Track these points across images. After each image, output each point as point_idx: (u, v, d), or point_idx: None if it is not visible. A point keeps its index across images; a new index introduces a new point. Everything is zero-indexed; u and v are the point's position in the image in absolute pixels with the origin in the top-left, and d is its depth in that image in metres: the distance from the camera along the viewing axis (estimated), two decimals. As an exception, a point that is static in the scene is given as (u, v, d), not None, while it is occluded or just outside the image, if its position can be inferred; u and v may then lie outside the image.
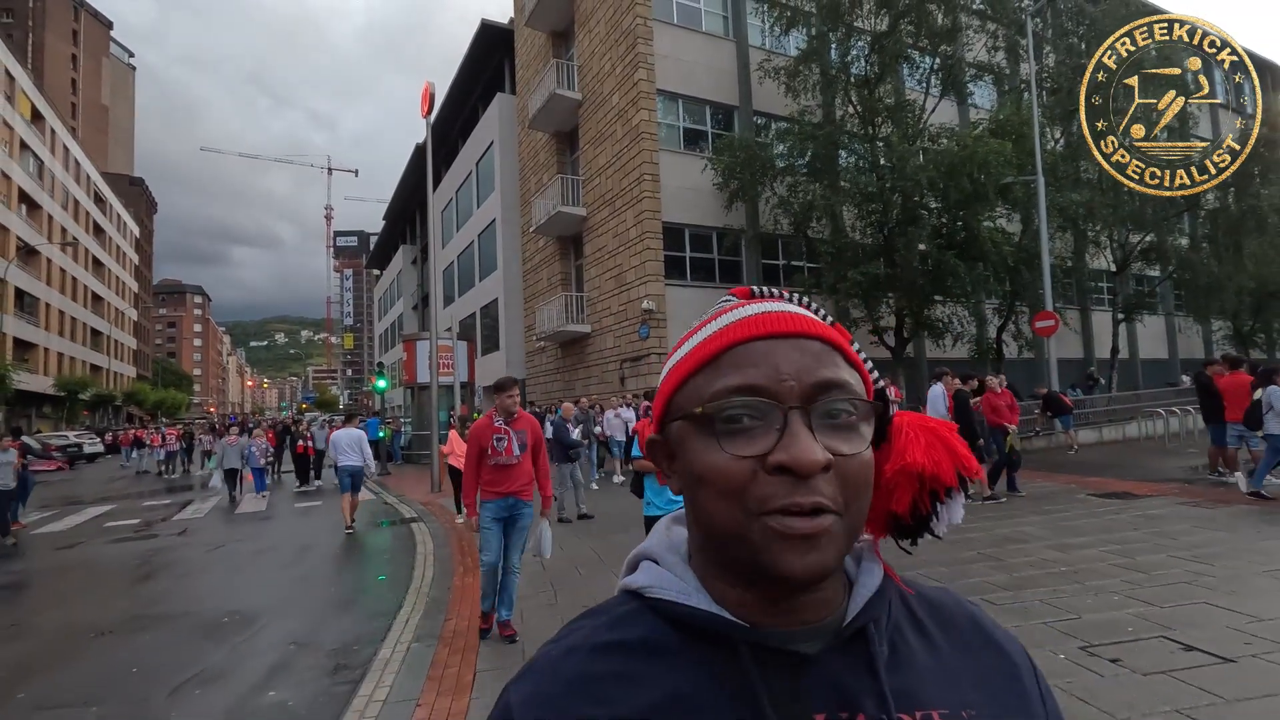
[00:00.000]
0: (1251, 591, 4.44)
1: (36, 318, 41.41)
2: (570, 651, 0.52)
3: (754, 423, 0.48)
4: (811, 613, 0.51)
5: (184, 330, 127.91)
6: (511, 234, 26.54)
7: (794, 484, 0.46)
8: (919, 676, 0.51)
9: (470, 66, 29.65)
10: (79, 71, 74.27)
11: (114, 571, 7.63)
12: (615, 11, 18.97)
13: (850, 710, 0.48)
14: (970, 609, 0.58)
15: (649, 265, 17.60)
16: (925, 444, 0.56)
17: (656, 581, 0.54)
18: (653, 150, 17.86)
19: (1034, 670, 0.56)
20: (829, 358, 0.50)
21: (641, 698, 0.48)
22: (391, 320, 51.45)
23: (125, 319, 63.86)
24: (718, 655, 0.49)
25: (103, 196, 57.66)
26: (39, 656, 4.90)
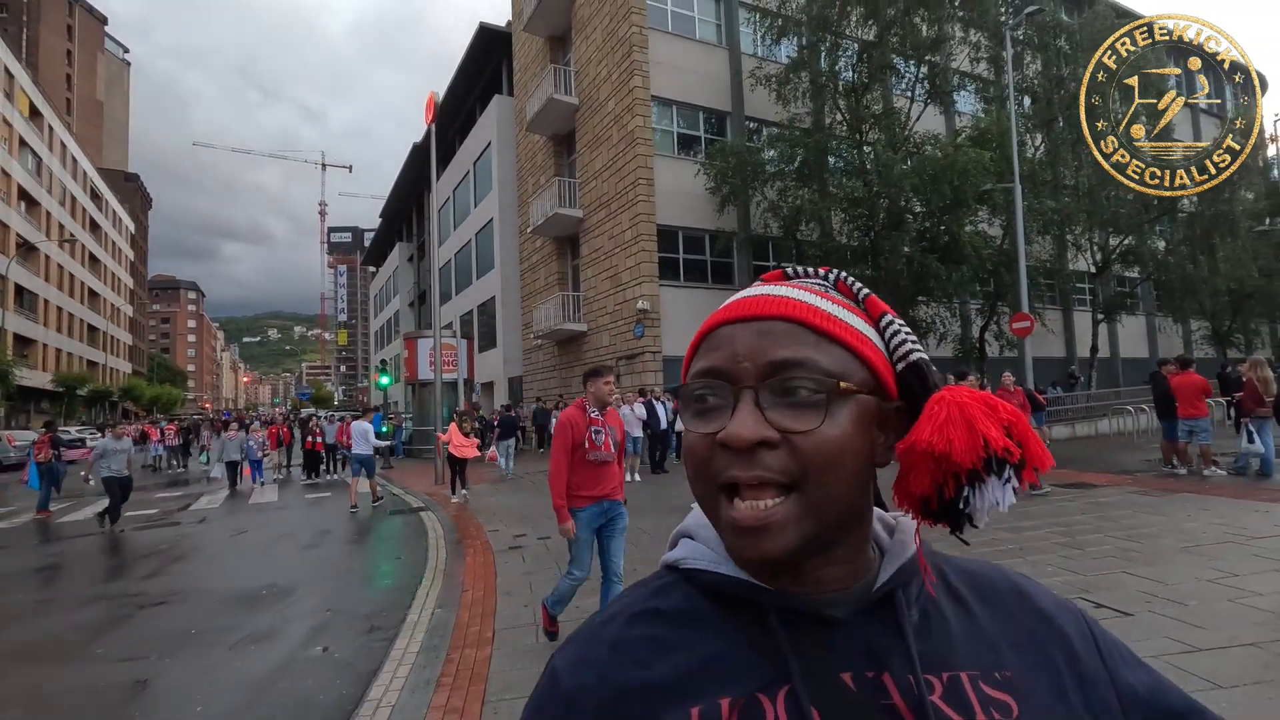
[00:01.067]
0: (1165, 563, 5.13)
1: (35, 314, 41.72)
2: (610, 619, 0.56)
3: (716, 402, 0.51)
4: (833, 583, 0.52)
5: (178, 326, 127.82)
6: (509, 233, 27.11)
7: (734, 458, 0.49)
8: (950, 641, 0.52)
9: (468, 67, 30.14)
10: (74, 67, 74.23)
11: (148, 554, 8.23)
12: (612, 20, 19.56)
13: (877, 670, 0.49)
14: (1015, 580, 0.59)
15: (644, 266, 18.23)
16: (942, 420, 0.52)
17: (691, 554, 0.57)
18: (647, 155, 18.48)
19: (1090, 633, 0.55)
20: (793, 337, 0.51)
21: (677, 660, 0.51)
22: (388, 317, 51.88)
23: (121, 315, 64.06)
24: (748, 620, 0.52)
25: (99, 193, 57.85)
26: (104, 622, 5.50)
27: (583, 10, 21.38)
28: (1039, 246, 20.20)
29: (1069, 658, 0.53)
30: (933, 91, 18.22)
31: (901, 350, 0.55)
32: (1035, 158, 18.83)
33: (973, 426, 0.52)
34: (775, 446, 0.48)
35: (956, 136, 17.87)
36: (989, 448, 0.51)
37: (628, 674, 0.51)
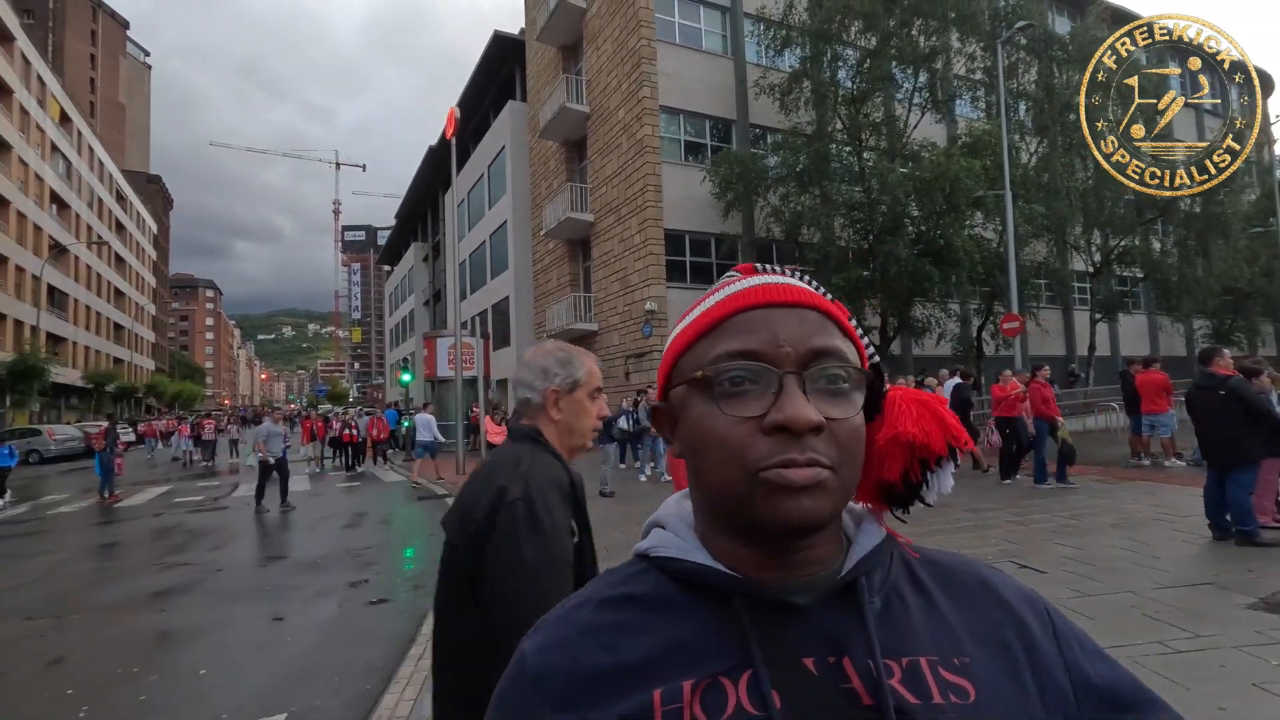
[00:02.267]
0: (1091, 535, 5.96)
1: (66, 313, 43.19)
2: (580, 605, 0.57)
3: (752, 386, 0.51)
4: (806, 568, 0.54)
5: (197, 324, 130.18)
6: (522, 236, 28.05)
7: (789, 441, 0.49)
8: (911, 628, 0.53)
9: (482, 73, 31.08)
10: (98, 71, 75.99)
11: (206, 533, 9.22)
12: (622, 32, 20.41)
13: (838, 655, 0.51)
14: (980, 570, 0.60)
15: (651, 269, 19.10)
16: (916, 415, 0.59)
17: (661, 542, 0.59)
18: (655, 163, 19.33)
19: (1051, 622, 0.57)
20: (825, 327, 0.53)
21: (644, 644, 0.52)
22: (403, 315, 53.03)
23: (145, 313, 65.75)
24: (715, 606, 0.53)
25: (124, 194, 59.46)
26: (190, 581, 6.48)
27: (594, 22, 22.24)
28: (1035, 248, 20.90)
29: (1027, 645, 0.54)
30: (931, 100, 18.93)
31: (868, 350, 0.59)
32: (1030, 163, 19.52)
33: (943, 420, 0.59)
34: (821, 432, 0.50)
35: (954, 143, 18.59)
36: (955, 438, 0.59)
37: (594, 658, 0.52)
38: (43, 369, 31.95)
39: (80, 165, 46.98)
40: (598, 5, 21.87)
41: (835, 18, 17.38)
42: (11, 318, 34.78)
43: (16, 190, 35.64)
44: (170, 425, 30.67)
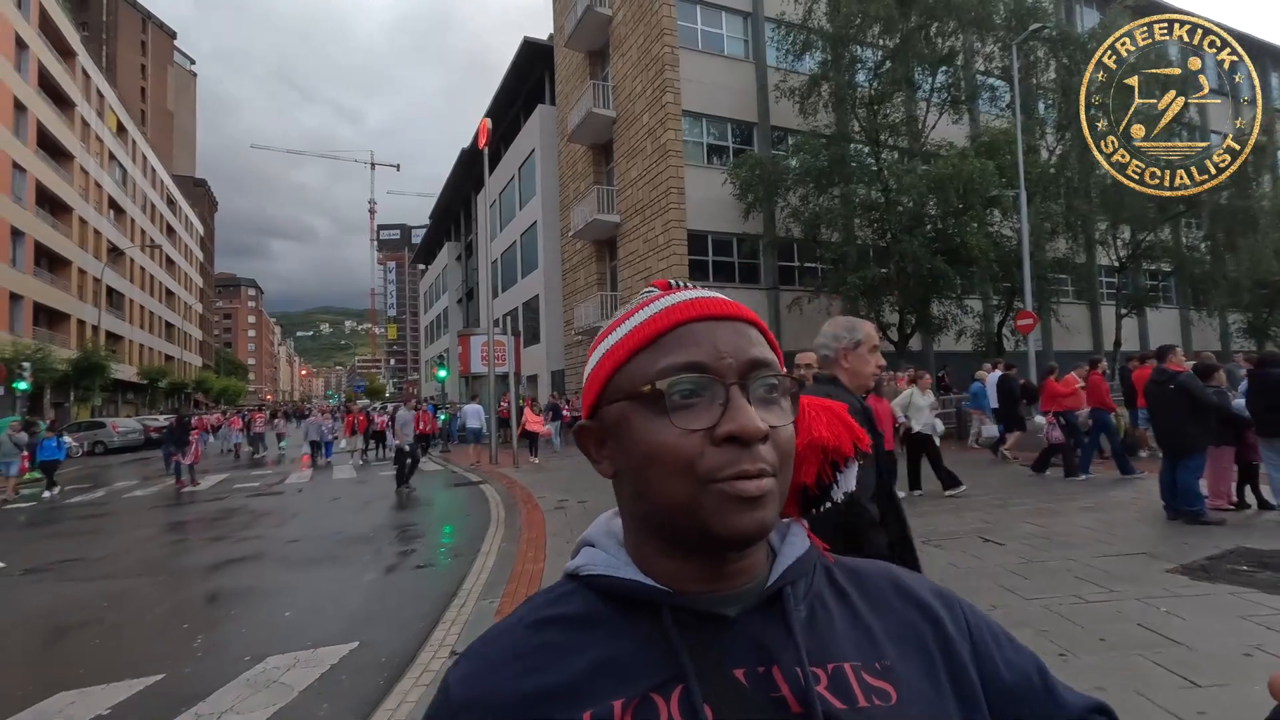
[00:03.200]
0: (1057, 517, 6.57)
1: (123, 313, 45.59)
2: (506, 630, 0.57)
3: (697, 399, 0.52)
4: (735, 580, 0.55)
5: (239, 322, 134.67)
6: (552, 236, 28.99)
7: (740, 451, 0.50)
8: (835, 635, 0.55)
9: (513, 77, 32.10)
10: (147, 80, 79.33)
11: (269, 513, 10.29)
12: (646, 39, 21.14)
13: (767, 664, 0.52)
14: (895, 573, 0.63)
15: (675, 269, 19.83)
16: (827, 421, 0.64)
17: (591, 560, 0.59)
18: (678, 166, 20.05)
19: (965, 620, 0.60)
20: (757, 339, 0.56)
21: (572, 665, 0.52)
22: (437, 313, 54.58)
23: (192, 312, 68.66)
24: (646, 622, 0.54)
25: (174, 199, 62.21)
26: (263, 550, 7.48)
27: (620, 29, 23.00)
28: (1056, 245, 21.09)
29: (942, 643, 0.57)
30: (949, 100, 19.28)
31: None
32: (1049, 161, 19.74)
33: (849, 425, 0.65)
34: (767, 440, 0.52)
35: (972, 142, 18.91)
36: (859, 440, 0.65)
37: (519, 683, 0.52)
38: (104, 366, 34.02)
39: (135, 172, 49.43)
40: (623, 13, 22.62)
41: (854, 21, 17.84)
42: (75, 318, 36.98)
43: (78, 197, 37.84)
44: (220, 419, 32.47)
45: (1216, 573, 4.52)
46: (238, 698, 3.67)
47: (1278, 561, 4.65)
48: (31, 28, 32.10)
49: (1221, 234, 22.69)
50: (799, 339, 20.40)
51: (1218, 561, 4.76)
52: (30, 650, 4.82)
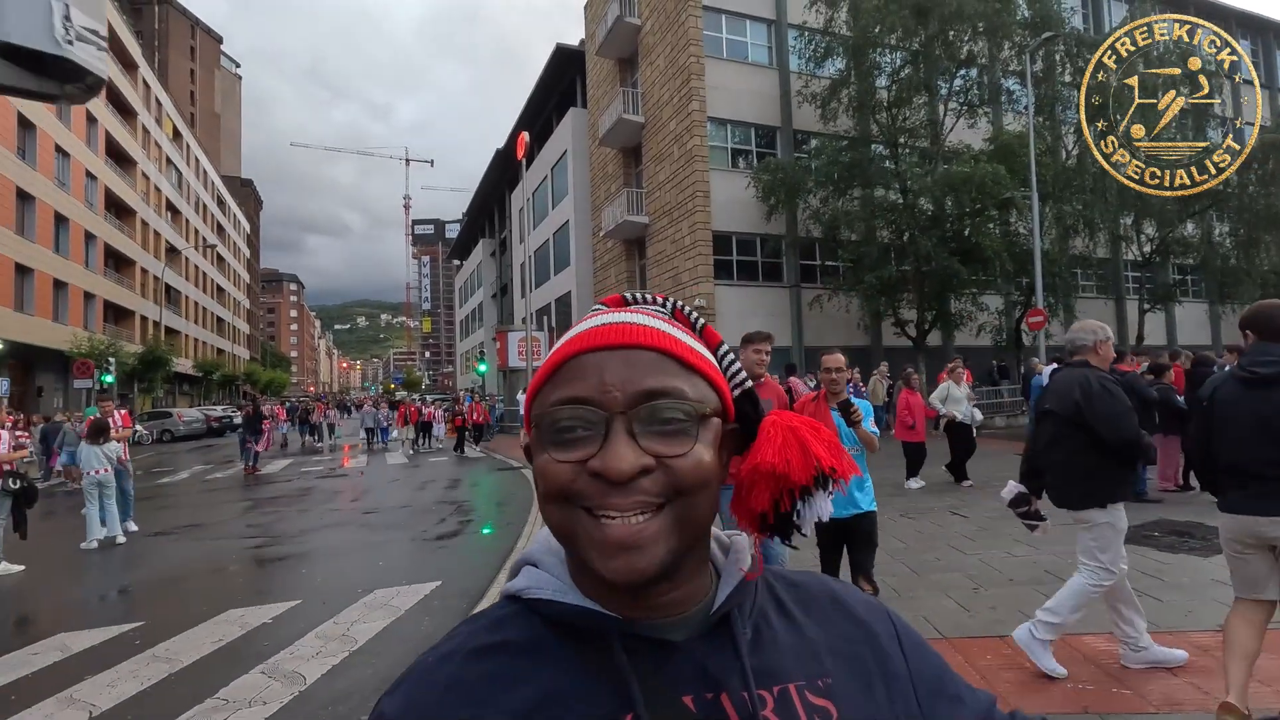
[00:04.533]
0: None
1: (179, 309, 48.29)
2: (445, 658, 0.54)
3: (584, 431, 0.51)
4: (675, 606, 0.54)
5: (282, 315, 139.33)
6: (583, 235, 30.24)
7: (610, 487, 0.49)
8: (779, 653, 0.55)
9: (546, 81, 33.39)
10: (196, 84, 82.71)
11: (341, 491, 11.75)
12: (673, 49, 22.16)
13: (715, 690, 0.52)
14: (831, 586, 0.63)
15: (701, 268, 20.91)
16: (780, 443, 0.58)
17: (533, 583, 0.57)
18: (704, 171, 21.07)
19: (895, 632, 0.60)
20: (659, 367, 0.53)
21: (517, 696, 0.50)
22: (472, 307, 56.41)
23: (240, 307, 71.82)
24: (592, 649, 0.53)
25: (224, 199, 65.17)
26: (348, 519, 8.86)
27: (648, 39, 24.05)
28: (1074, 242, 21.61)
29: (877, 656, 0.58)
30: (965, 105, 19.94)
31: (738, 378, 0.60)
32: (1068, 162, 20.27)
33: (806, 448, 0.58)
34: (650, 471, 0.50)
35: (991, 144, 19.55)
36: (819, 466, 0.58)
37: (461, 714, 0.50)
38: (167, 359, 36.40)
39: (189, 175, 52.13)
40: (651, 23, 23.66)
41: (873, 29, 18.60)
42: (138, 314, 39.52)
43: (141, 201, 40.33)
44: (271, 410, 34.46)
45: (1131, 538, 5.53)
46: (360, 614, 4.96)
47: (1188, 530, 5.64)
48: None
49: (1244, 230, 22.88)
50: (820, 334, 21.51)
51: (1138, 530, 5.76)
52: (192, 584, 6.21)
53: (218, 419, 32.67)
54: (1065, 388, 3.28)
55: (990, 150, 18.35)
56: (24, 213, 26.66)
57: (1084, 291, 26.41)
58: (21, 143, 26.45)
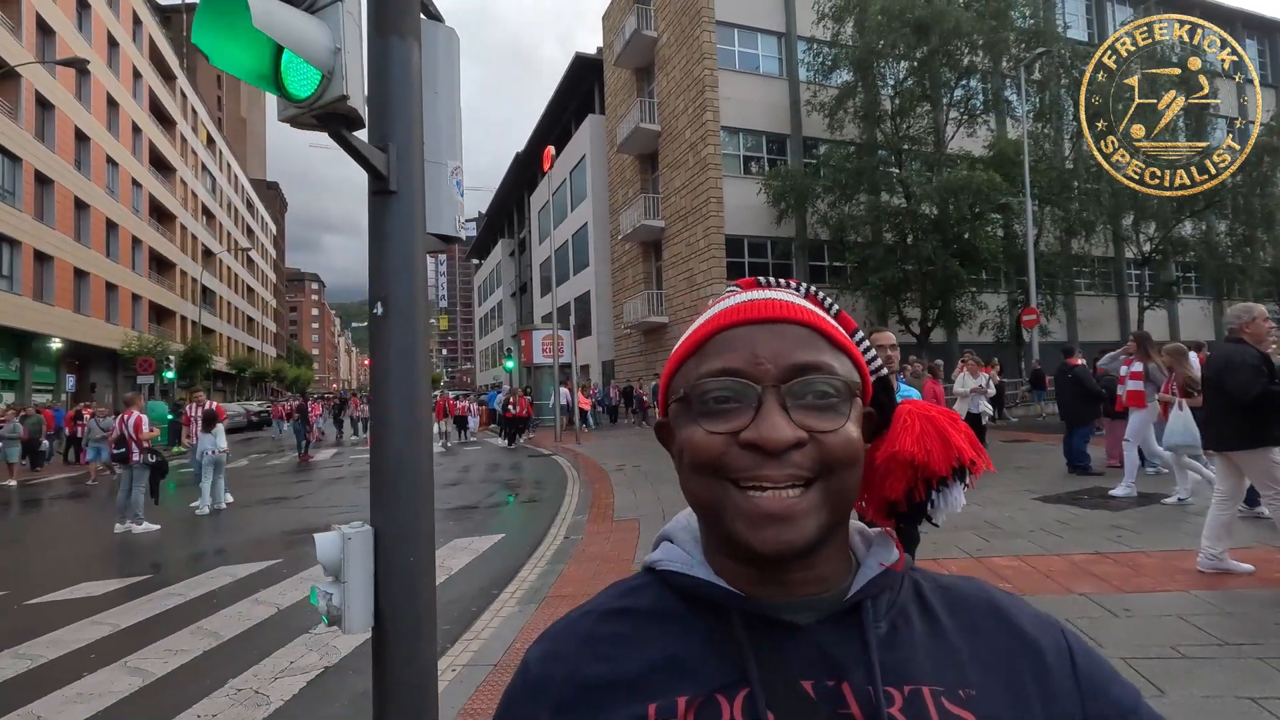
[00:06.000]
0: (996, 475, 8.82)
1: (214, 309, 50.32)
2: (584, 615, 0.59)
3: (733, 403, 0.52)
4: (808, 587, 0.54)
5: (304, 314, 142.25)
6: (601, 237, 31.61)
7: (764, 459, 0.50)
8: (916, 655, 0.52)
9: (565, 88, 34.78)
10: (223, 89, 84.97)
11: (392, 474, 13.21)
12: (688, 61, 23.43)
13: (837, 679, 0.50)
14: (993, 596, 0.58)
15: (714, 270, 22.20)
16: (919, 432, 0.60)
17: (666, 556, 0.59)
18: (717, 178, 22.34)
19: (1068, 649, 0.54)
20: (810, 342, 0.54)
21: (641, 657, 0.53)
22: (491, 306, 58.03)
23: (268, 307, 74.06)
24: (714, 622, 0.54)
25: (253, 202, 67.34)
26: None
27: (664, 51, 25.34)
28: (1073, 242, 22.68)
29: (1038, 674, 0.53)
30: (965, 114, 21.05)
31: (875, 364, 0.60)
32: (1065, 164, 21.32)
33: (947, 439, 0.60)
34: (803, 445, 0.50)
35: (990, 151, 20.65)
36: (960, 458, 0.60)
37: (593, 668, 0.54)
38: (207, 357, 38.30)
39: (221, 180, 54.18)
40: (667, 35, 24.95)
41: (876, 44, 19.75)
42: (179, 314, 41.50)
43: (180, 207, 42.28)
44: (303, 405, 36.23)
45: (1063, 500, 6.82)
46: (448, 555, 6.35)
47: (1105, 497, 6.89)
48: (144, 58, 36.27)
49: (1242, 229, 23.77)
50: (828, 332, 22.81)
51: (1073, 494, 7.03)
52: (303, 534, 7.65)
53: (256, 413, 34.55)
54: (1217, 359, 4.29)
55: (988, 157, 19.45)
56: (80, 221, 28.50)
57: (1084, 290, 27.44)
58: (78, 155, 28.26)
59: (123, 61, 33.04)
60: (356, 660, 3.99)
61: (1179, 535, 5.34)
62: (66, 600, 5.47)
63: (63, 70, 25.22)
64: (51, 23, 25.81)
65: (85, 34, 28.83)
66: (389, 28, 1.91)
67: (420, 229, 1.99)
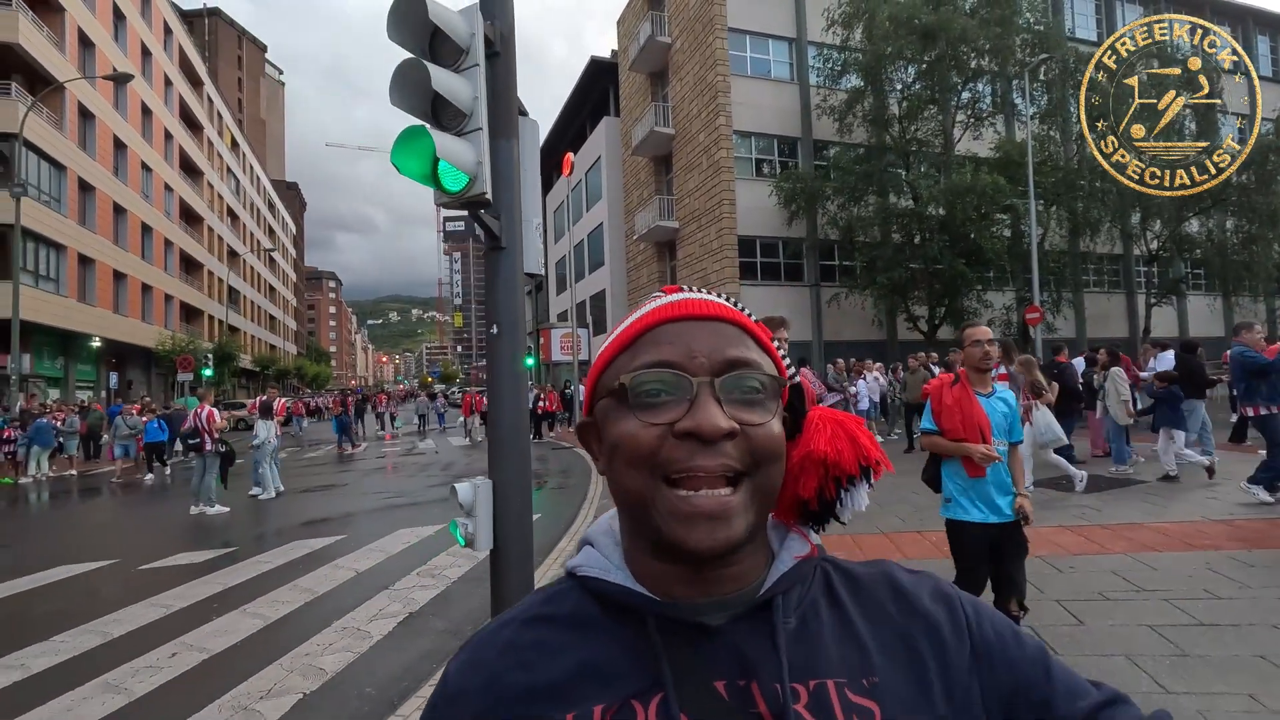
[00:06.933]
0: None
1: (239, 308, 51.75)
2: (504, 625, 0.59)
3: (668, 396, 0.53)
4: (724, 586, 0.54)
5: (321, 312, 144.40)
6: (616, 237, 32.41)
7: (699, 448, 0.51)
8: (823, 648, 0.53)
9: (580, 91, 35.61)
10: (243, 92, 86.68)
11: (431, 464, 14.13)
12: (701, 67, 24.15)
13: (748, 678, 0.52)
14: (893, 574, 0.60)
15: (727, 270, 22.94)
16: (830, 434, 0.61)
17: (586, 561, 0.60)
18: (730, 180, 23.06)
19: (965, 622, 0.56)
20: (740, 340, 0.56)
21: (559, 664, 0.54)
22: (509, 304, 59.08)
23: (289, 305, 75.66)
24: (630, 627, 0.55)
25: (274, 203, 68.91)
26: (450, 480, 11.19)
27: (678, 56, 26.06)
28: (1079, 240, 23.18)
29: (936, 647, 0.54)
30: (973, 116, 21.63)
31: (790, 370, 0.62)
32: (1071, 163, 21.82)
33: (855, 440, 0.62)
34: (734, 437, 0.51)
35: (996, 152, 21.22)
36: (866, 458, 0.62)
37: (512, 677, 0.54)
38: (235, 355, 39.61)
39: (244, 182, 55.62)
40: (680, 41, 25.67)
41: (885, 50, 20.36)
42: (206, 313, 42.87)
43: (207, 209, 43.64)
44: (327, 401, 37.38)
45: (1043, 484, 7.56)
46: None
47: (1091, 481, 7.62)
48: (174, 66, 37.55)
49: (1246, 227, 24.12)
50: (839, 330, 23.48)
51: (1055, 479, 7.77)
52: (362, 516, 8.55)
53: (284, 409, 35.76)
54: None
55: (994, 159, 20.04)
56: (119, 225, 29.76)
57: (1093, 287, 27.89)
58: (116, 162, 29.50)
59: (155, 71, 34.29)
60: (433, 607, 4.86)
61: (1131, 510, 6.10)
62: (172, 566, 6.39)
63: (101, 81, 26.43)
64: (92, 36, 27.01)
65: (121, 45, 30.06)
66: (499, 132, 2.73)
67: (520, 272, 2.82)
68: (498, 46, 2.70)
